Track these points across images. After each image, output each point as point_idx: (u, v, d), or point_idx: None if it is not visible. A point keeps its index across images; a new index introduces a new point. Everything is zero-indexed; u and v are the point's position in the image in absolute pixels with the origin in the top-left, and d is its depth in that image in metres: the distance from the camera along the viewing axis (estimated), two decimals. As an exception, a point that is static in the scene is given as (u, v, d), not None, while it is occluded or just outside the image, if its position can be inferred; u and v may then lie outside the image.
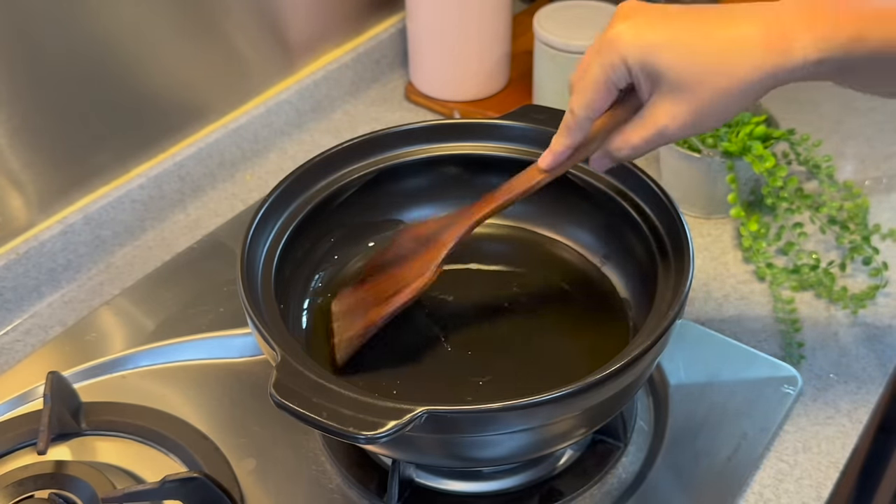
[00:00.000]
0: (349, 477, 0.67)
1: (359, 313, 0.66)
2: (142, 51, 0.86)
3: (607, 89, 0.56)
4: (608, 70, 0.55)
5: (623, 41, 0.54)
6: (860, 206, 0.86)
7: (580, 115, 0.58)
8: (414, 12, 1.04)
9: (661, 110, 0.55)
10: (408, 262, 0.67)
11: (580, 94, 0.57)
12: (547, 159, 0.62)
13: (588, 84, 0.57)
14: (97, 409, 0.71)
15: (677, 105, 0.54)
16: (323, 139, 1.04)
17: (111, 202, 0.87)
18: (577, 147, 0.60)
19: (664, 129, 0.56)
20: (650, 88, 0.55)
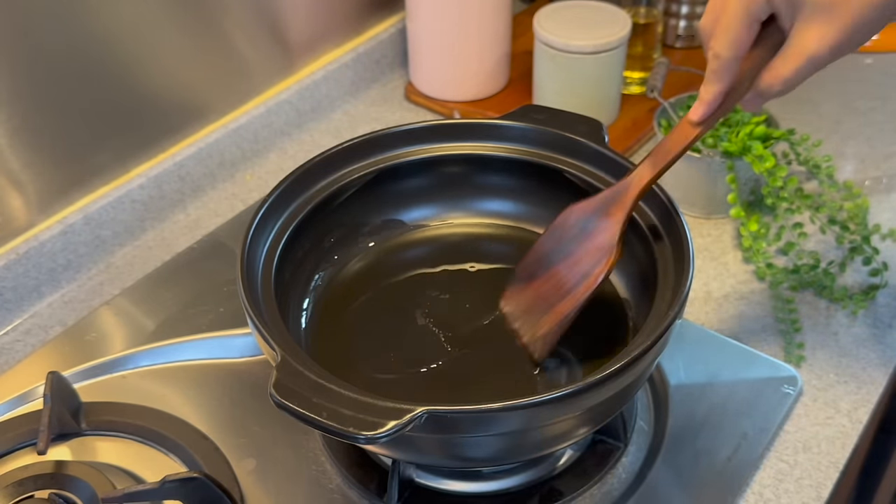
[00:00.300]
0: (349, 477, 0.67)
1: (541, 310, 0.65)
2: (142, 51, 0.86)
3: (750, 23, 0.56)
4: (750, 4, 0.55)
5: None
6: (860, 206, 0.86)
7: (727, 56, 0.57)
8: (414, 12, 1.04)
9: (808, 36, 0.55)
10: (577, 249, 0.65)
11: (723, 34, 0.57)
12: (699, 110, 0.60)
13: (730, 22, 0.56)
14: (97, 409, 0.71)
15: (824, 26, 0.54)
16: (323, 139, 1.04)
17: (111, 202, 0.87)
18: (727, 92, 0.59)
19: (815, 53, 0.55)
20: (792, 15, 0.55)
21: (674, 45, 1.13)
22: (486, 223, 0.77)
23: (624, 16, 0.97)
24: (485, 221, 0.77)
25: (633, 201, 0.63)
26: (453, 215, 0.78)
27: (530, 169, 0.74)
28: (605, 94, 0.99)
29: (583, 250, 0.65)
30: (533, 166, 0.73)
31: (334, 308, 0.72)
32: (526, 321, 0.67)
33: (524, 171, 0.74)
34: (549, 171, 0.73)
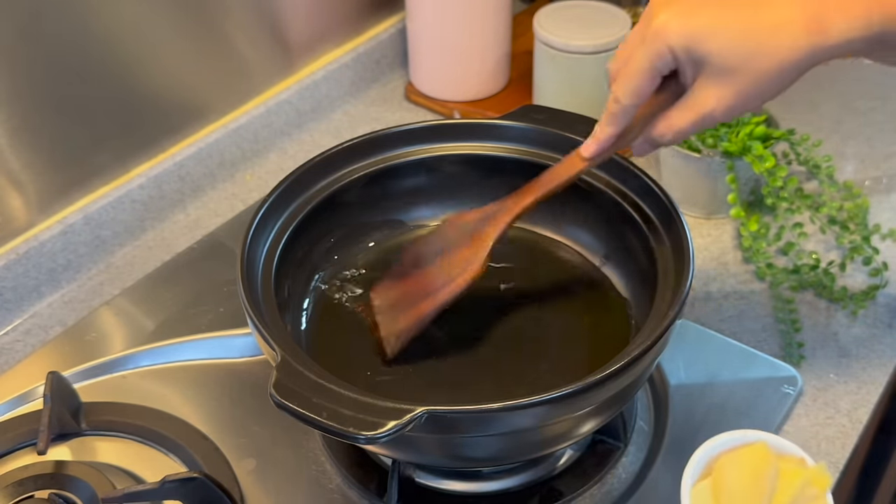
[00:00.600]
0: (349, 477, 0.67)
1: (404, 307, 0.67)
2: (142, 51, 0.86)
3: (652, 76, 0.58)
4: (654, 58, 0.57)
5: (669, 30, 0.56)
6: (860, 206, 0.86)
7: (626, 103, 0.59)
8: (414, 12, 1.04)
9: (707, 94, 0.57)
10: (451, 254, 0.67)
11: (626, 82, 0.59)
12: (591, 147, 0.63)
13: (633, 72, 0.58)
14: (97, 409, 0.71)
15: (723, 88, 0.56)
16: (323, 139, 1.04)
17: (111, 202, 0.87)
18: (620, 135, 0.62)
19: (711, 111, 0.57)
20: (694, 73, 0.57)
21: (674, 45, 1.13)
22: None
23: (624, 16, 0.97)
24: (485, 221, 0.77)
25: (509, 222, 0.66)
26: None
27: (530, 169, 0.73)
28: (605, 94, 0.98)
29: (455, 257, 0.67)
30: (533, 166, 0.73)
31: (334, 308, 0.72)
32: (388, 316, 0.68)
33: (524, 171, 0.74)
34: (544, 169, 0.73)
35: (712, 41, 0.55)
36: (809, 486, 0.47)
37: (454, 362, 0.67)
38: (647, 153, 0.64)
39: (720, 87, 0.56)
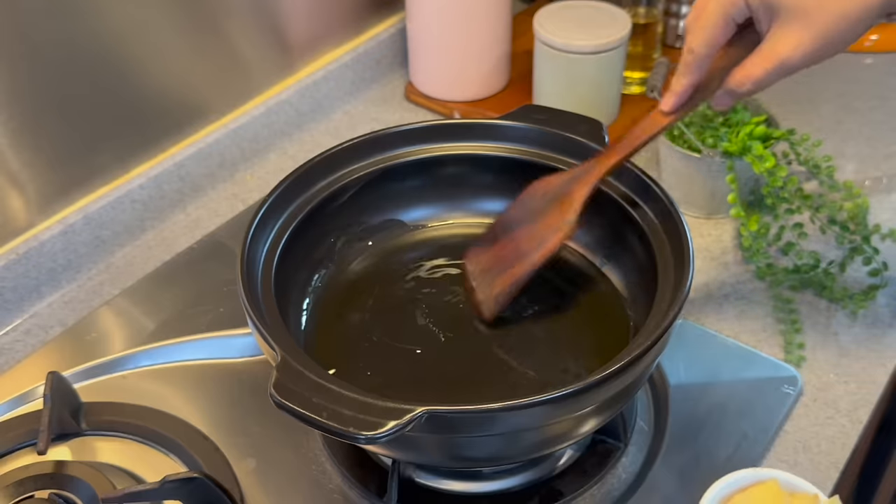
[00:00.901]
0: (349, 477, 0.67)
1: (497, 271, 0.68)
2: (142, 51, 0.86)
3: (726, 24, 0.58)
4: (727, 5, 0.57)
5: None
6: (860, 206, 0.85)
7: (700, 53, 0.59)
8: (414, 12, 1.04)
9: (783, 40, 0.56)
10: (539, 219, 0.68)
11: (699, 31, 0.59)
12: (670, 101, 0.63)
13: (707, 21, 0.58)
14: (97, 409, 0.71)
15: (798, 33, 0.56)
16: (323, 139, 1.04)
17: (111, 202, 0.87)
18: (696, 86, 0.61)
19: (787, 58, 0.57)
20: (769, 20, 0.57)
21: (674, 45, 1.13)
22: (485, 223, 0.77)
23: (624, 16, 0.97)
24: (485, 221, 0.77)
25: (597, 180, 0.66)
26: (453, 215, 0.78)
27: (530, 169, 0.74)
28: (605, 94, 0.99)
29: (544, 220, 0.67)
30: (533, 166, 0.73)
31: (334, 308, 0.72)
32: (483, 280, 0.69)
33: (524, 171, 0.74)
34: (549, 171, 0.73)
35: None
36: None
37: (454, 362, 0.67)
38: (728, 105, 0.63)
39: (796, 32, 0.56)
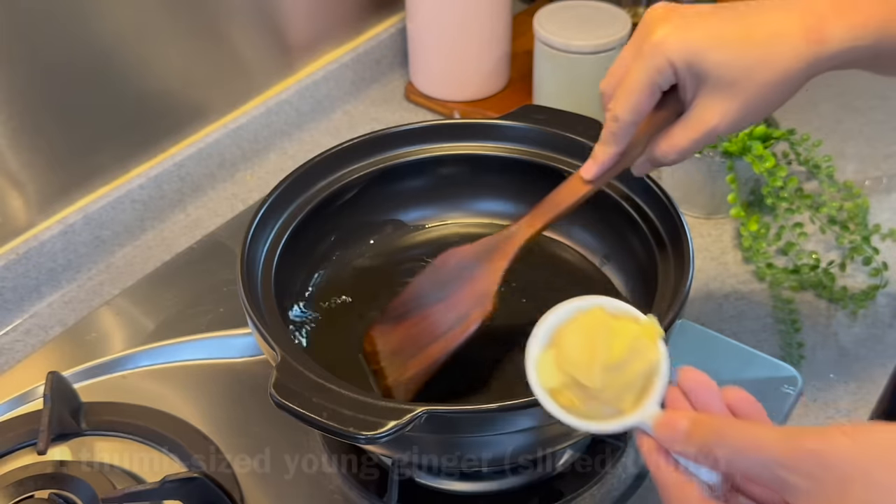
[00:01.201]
0: (349, 477, 0.67)
1: (411, 352, 0.63)
2: (142, 51, 0.86)
3: (652, 92, 0.56)
4: (653, 73, 0.55)
5: (668, 44, 0.55)
6: (860, 206, 0.86)
7: (625, 120, 0.57)
8: (414, 12, 1.04)
9: (710, 109, 0.56)
10: (454, 293, 0.63)
11: (624, 98, 0.57)
12: (591, 169, 0.60)
13: (632, 87, 0.56)
14: (97, 409, 0.71)
15: (726, 102, 0.55)
16: (323, 139, 1.04)
17: (111, 202, 0.87)
18: (621, 154, 0.60)
19: (715, 127, 0.56)
20: (695, 88, 0.56)
21: (674, 45, 1.13)
22: (485, 223, 0.77)
23: (624, 16, 0.97)
24: (484, 221, 0.77)
25: (516, 251, 0.62)
26: (453, 215, 0.78)
27: (530, 169, 0.74)
28: (605, 94, 0.99)
29: (461, 294, 0.63)
30: (533, 166, 0.73)
31: (334, 308, 0.72)
32: (392, 362, 0.64)
33: (524, 171, 0.74)
34: (549, 171, 0.73)
35: (713, 54, 0.54)
36: (641, 339, 0.48)
37: (454, 363, 0.67)
38: (649, 172, 0.63)
39: (723, 101, 0.55)
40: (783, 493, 0.40)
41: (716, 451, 0.41)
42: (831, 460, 0.38)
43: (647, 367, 0.47)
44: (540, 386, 0.48)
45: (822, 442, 0.39)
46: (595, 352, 0.47)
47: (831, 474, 0.38)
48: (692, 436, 0.42)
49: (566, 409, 0.47)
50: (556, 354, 0.49)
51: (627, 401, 0.46)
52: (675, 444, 0.43)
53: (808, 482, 0.39)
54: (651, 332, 0.48)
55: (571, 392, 0.47)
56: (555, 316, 0.50)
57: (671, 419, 0.44)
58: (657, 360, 0.47)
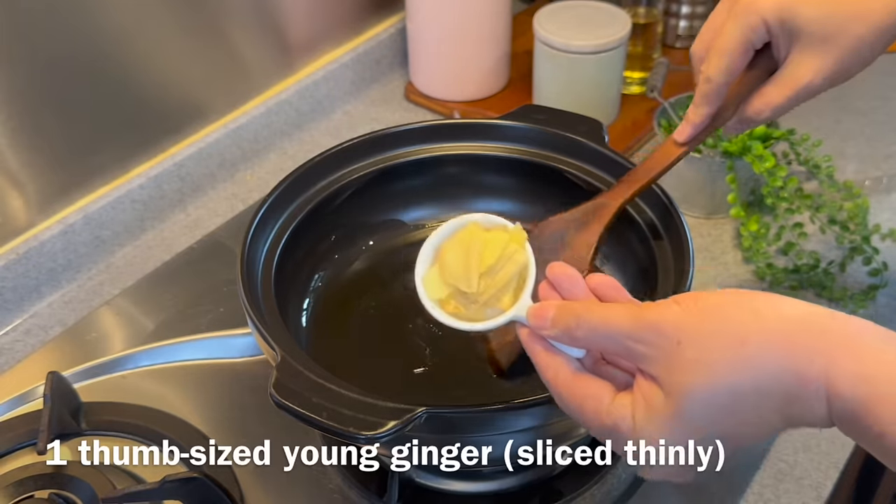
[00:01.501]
0: (349, 477, 0.67)
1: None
2: (142, 51, 0.86)
3: (745, 51, 0.57)
4: (747, 31, 0.56)
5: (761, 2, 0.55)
6: (860, 206, 0.85)
7: (718, 81, 0.58)
8: (414, 12, 1.04)
9: (803, 66, 0.56)
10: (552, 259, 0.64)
11: (717, 58, 0.57)
12: (686, 131, 0.62)
13: (725, 47, 0.57)
14: (97, 409, 0.71)
15: (819, 58, 0.55)
16: (323, 139, 1.04)
17: (111, 202, 0.87)
18: (714, 115, 0.60)
19: (809, 83, 0.56)
20: (788, 45, 0.56)
21: (674, 45, 1.13)
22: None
23: (624, 16, 0.97)
24: (485, 221, 0.77)
25: (612, 216, 0.64)
26: (453, 215, 0.77)
27: (530, 169, 0.74)
28: (604, 94, 0.99)
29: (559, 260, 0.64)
30: (533, 166, 0.73)
31: (334, 308, 0.72)
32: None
33: (524, 171, 0.74)
34: (549, 171, 0.73)
35: (806, 10, 0.54)
36: (511, 245, 0.53)
37: (454, 362, 0.67)
38: (741, 132, 0.63)
39: (817, 56, 0.55)
40: (633, 360, 0.45)
41: (576, 333, 0.47)
42: (665, 327, 0.44)
43: (518, 268, 0.52)
44: (428, 299, 0.53)
45: (658, 313, 0.44)
46: (470, 262, 0.52)
47: (667, 340, 0.43)
48: (557, 321, 0.47)
49: (454, 315, 0.52)
50: (440, 269, 0.53)
51: (505, 301, 0.51)
52: (544, 330, 0.48)
53: (650, 349, 0.44)
54: (519, 238, 0.53)
55: (456, 301, 0.53)
56: (436, 236, 0.55)
57: (540, 309, 0.48)
58: (525, 261, 0.52)
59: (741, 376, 0.42)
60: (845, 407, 0.41)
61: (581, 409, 0.47)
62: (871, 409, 0.40)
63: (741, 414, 0.43)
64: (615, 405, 0.45)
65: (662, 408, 0.44)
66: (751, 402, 0.42)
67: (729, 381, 0.42)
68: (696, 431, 0.43)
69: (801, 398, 0.42)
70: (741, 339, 0.42)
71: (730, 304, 0.44)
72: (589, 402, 0.46)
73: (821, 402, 0.42)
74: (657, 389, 0.44)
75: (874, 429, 0.40)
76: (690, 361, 0.43)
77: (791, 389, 0.42)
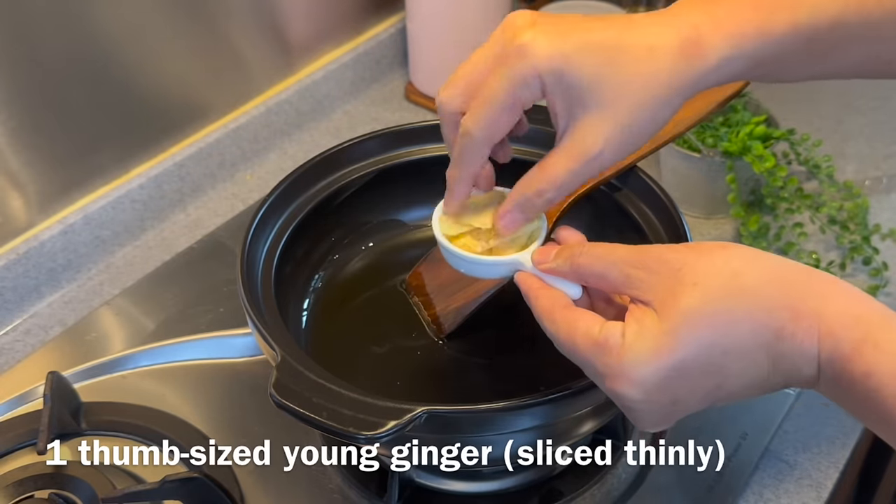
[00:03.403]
0: (349, 477, 0.67)
1: (459, 286, 0.66)
2: (142, 51, 0.86)
3: (513, 105, 0.49)
4: (518, 84, 0.48)
5: (536, 49, 0.47)
6: (860, 206, 0.86)
7: (478, 136, 0.50)
8: (414, 12, 1.04)
9: (589, 133, 0.48)
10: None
11: (480, 111, 0.49)
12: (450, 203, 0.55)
13: (489, 98, 0.49)
14: (97, 409, 0.71)
15: (606, 124, 0.48)
16: (323, 139, 1.04)
17: (111, 202, 0.87)
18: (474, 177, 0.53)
19: (599, 154, 0.49)
20: (567, 109, 0.49)
21: (674, 45, 1.13)
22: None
23: (624, 16, 0.97)
24: (485, 221, 0.77)
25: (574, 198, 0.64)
26: (453, 215, 0.78)
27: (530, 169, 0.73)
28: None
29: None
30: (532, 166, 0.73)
31: (334, 308, 0.72)
32: (439, 294, 0.68)
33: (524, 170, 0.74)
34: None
35: (587, 66, 0.47)
36: None
37: (454, 363, 0.67)
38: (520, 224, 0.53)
39: (602, 122, 0.48)
40: (630, 289, 0.46)
41: (579, 260, 0.49)
42: (668, 256, 0.46)
43: (531, 227, 0.55)
44: (441, 233, 0.56)
45: (663, 248, 0.47)
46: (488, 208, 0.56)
47: (667, 266, 0.45)
48: (561, 252, 0.50)
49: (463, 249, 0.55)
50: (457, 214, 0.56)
51: (513, 251, 0.55)
52: (547, 262, 0.51)
53: (650, 275, 0.46)
54: None
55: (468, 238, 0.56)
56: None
57: (544, 248, 0.52)
58: (540, 223, 0.56)
59: (736, 303, 0.44)
60: (836, 346, 0.42)
61: (571, 332, 0.47)
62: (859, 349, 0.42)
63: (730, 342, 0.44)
64: (607, 325, 0.46)
65: (654, 325, 0.44)
66: (743, 330, 0.44)
67: (724, 307, 0.44)
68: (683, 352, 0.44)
69: (793, 335, 0.43)
70: (739, 271, 0.44)
71: (730, 247, 0.46)
72: (580, 324, 0.47)
73: (811, 340, 0.43)
74: (651, 312, 0.45)
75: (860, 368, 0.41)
76: (688, 285, 0.44)
77: (784, 325, 0.43)
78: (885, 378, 0.41)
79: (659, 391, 0.45)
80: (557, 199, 0.52)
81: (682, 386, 0.45)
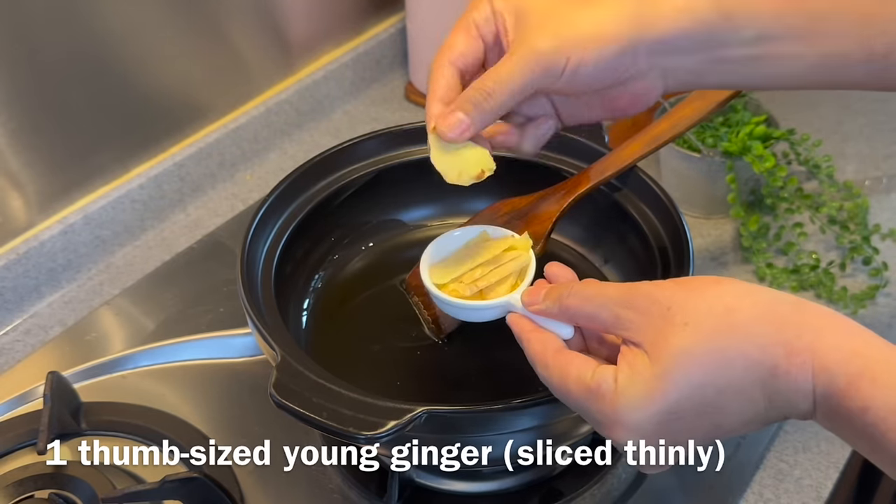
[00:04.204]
0: (349, 477, 0.67)
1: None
2: (142, 51, 0.86)
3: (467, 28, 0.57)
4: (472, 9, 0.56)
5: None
6: (860, 206, 0.86)
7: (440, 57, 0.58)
8: (414, 12, 1.04)
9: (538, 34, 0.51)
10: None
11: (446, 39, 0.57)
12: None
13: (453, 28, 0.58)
14: (97, 409, 0.71)
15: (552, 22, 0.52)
16: (323, 139, 1.04)
17: (111, 202, 0.87)
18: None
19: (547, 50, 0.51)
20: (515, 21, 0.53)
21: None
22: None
23: (624, 16, 0.97)
24: (485, 221, 0.77)
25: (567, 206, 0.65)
26: (453, 215, 0.78)
27: (530, 169, 0.73)
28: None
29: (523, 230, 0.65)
30: (533, 166, 0.73)
31: (334, 308, 0.72)
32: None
33: (524, 170, 0.74)
34: (550, 171, 0.73)
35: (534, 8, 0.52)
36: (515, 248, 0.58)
37: (454, 362, 0.67)
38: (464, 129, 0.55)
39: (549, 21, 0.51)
40: (621, 330, 0.46)
41: (567, 301, 0.48)
42: (658, 295, 0.45)
43: (519, 265, 0.56)
44: (431, 282, 0.57)
45: (652, 286, 0.46)
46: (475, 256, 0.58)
47: (658, 305, 0.45)
48: (550, 293, 0.50)
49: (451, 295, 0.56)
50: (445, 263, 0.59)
51: (501, 291, 0.55)
52: (537, 303, 0.50)
53: (639, 316, 0.45)
54: (525, 245, 0.58)
55: (456, 285, 0.57)
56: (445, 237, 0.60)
57: (533, 288, 0.52)
58: (528, 260, 0.56)
59: (728, 341, 0.43)
60: (831, 381, 0.41)
61: (564, 377, 0.47)
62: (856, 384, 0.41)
63: (724, 382, 0.43)
64: (598, 370, 0.46)
65: (645, 369, 0.44)
66: (736, 369, 0.43)
67: (716, 346, 0.43)
68: (676, 394, 0.43)
69: (787, 373, 0.42)
70: (731, 308, 0.43)
71: (722, 282, 0.45)
72: (572, 369, 0.47)
73: (806, 376, 0.42)
74: (642, 354, 0.44)
75: (857, 403, 0.41)
76: (679, 325, 0.43)
77: (778, 362, 0.42)
78: (881, 412, 0.40)
79: (656, 435, 0.45)
80: (506, 105, 0.52)
81: (679, 428, 0.45)
